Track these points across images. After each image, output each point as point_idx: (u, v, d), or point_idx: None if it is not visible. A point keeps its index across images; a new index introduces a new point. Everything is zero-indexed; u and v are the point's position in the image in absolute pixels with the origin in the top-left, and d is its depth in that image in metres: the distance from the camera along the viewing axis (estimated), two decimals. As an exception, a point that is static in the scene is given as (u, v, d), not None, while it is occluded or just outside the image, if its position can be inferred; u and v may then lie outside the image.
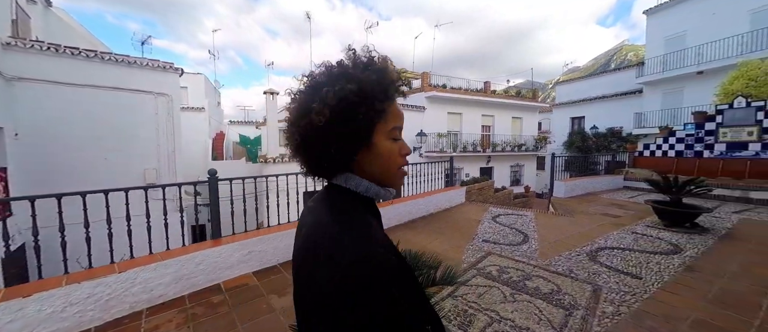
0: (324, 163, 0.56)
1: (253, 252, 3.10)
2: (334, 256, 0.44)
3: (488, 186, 7.48)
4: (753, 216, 5.02)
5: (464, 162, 12.71)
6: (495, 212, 5.45)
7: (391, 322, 0.41)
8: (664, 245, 3.66)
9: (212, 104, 15.44)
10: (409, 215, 5.00)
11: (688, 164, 7.38)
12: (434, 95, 11.59)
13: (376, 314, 0.41)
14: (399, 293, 0.44)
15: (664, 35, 13.25)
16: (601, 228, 4.42)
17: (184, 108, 13.93)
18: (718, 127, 6.94)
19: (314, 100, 0.52)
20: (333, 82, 0.53)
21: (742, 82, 6.69)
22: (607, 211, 5.47)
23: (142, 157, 6.59)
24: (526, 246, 3.73)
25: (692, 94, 11.84)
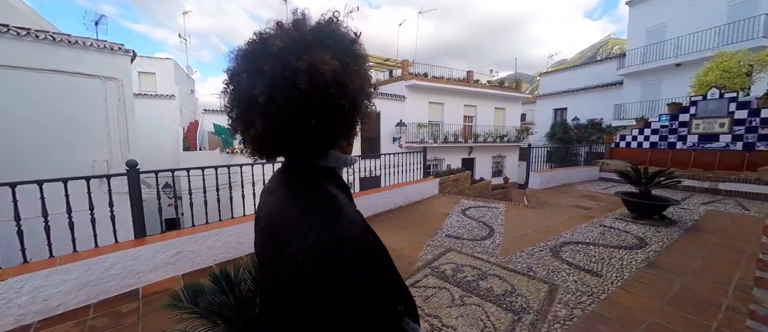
0: (303, 144, 0.50)
1: (183, 252, 2.77)
2: (301, 242, 0.41)
3: (464, 178, 7.29)
4: (720, 207, 5.01)
5: (446, 153, 12.53)
6: (466, 205, 5.26)
7: (362, 306, 0.41)
8: (630, 239, 3.53)
9: (184, 92, 14.63)
10: (376, 208, 4.74)
11: (662, 155, 7.39)
12: (415, 84, 11.25)
13: (347, 300, 0.40)
14: (369, 277, 0.42)
15: (645, 26, 13.24)
16: (569, 221, 4.28)
17: (151, 95, 13.18)
18: (691, 119, 6.92)
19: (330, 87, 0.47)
20: (342, 63, 0.48)
21: (717, 73, 6.65)
22: (579, 203, 5.36)
23: (90, 147, 6.04)
24: (490, 241, 3.54)
25: (670, 86, 11.93)
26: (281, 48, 0.46)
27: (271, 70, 0.45)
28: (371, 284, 0.43)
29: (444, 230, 3.95)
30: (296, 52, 0.46)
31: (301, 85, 0.44)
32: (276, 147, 0.51)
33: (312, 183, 0.52)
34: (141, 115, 12.87)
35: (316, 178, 0.52)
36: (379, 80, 13.81)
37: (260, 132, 0.48)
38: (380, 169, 5.69)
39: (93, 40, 5.99)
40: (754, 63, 6.49)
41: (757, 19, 9.69)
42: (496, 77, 14.47)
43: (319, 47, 0.48)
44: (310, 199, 0.48)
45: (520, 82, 15.52)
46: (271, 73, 0.45)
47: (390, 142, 11.01)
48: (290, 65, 0.45)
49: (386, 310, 0.48)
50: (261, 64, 0.46)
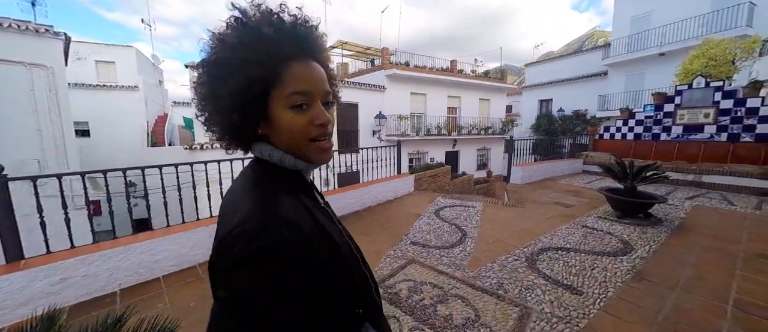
0: (223, 135, 0.51)
1: (72, 278, 2.21)
2: (229, 230, 0.42)
3: (443, 173, 6.88)
4: (705, 202, 4.76)
5: (429, 146, 12.11)
6: (441, 204, 4.83)
7: (268, 301, 0.39)
8: (614, 242, 3.17)
9: (150, 83, 13.62)
10: (338, 211, 4.24)
11: (646, 147, 7.15)
12: (395, 73, 10.67)
13: (260, 293, 0.39)
14: (289, 274, 0.41)
15: (630, 15, 13.01)
16: (550, 221, 3.90)
17: (111, 86, 12.14)
18: (676, 109, 6.67)
19: (198, 70, 0.50)
20: (210, 51, 0.48)
21: (702, 61, 6.39)
22: (561, 200, 5.01)
23: (15, 145, 5.27)
24: (460, 249, 3.11)
25: (654, 76, 11.79)
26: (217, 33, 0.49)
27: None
28: (282, 283, 0.40)
29: (411, 236, 3.50)
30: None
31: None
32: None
33: (261, 174, 0.51)
34: (99, 108, 11.95)
35: (268, 173, 0.52)
36: (360, 70, 13.18)
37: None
38: (359, 165, 5.29)
39: (13, 20, 5.17)
40: (739, 51, 6.24)
41: (741, 6, 9.52)
42: (482, 67, 14.04)
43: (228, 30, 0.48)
44: (250, 191, 0.48)
45: (506, 72, 15.14)
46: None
47: (370, 135, 10.48)
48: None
49: (304, 314, 0.42)
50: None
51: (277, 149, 0.51)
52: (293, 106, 0.48)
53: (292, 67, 0.48)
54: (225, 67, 0.46)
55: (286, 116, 0.48)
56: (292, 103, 0.48)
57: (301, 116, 0.48)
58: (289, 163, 0.51)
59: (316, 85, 0.50)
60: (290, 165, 0.52)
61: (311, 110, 0.49)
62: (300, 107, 0.48)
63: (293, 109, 0.48)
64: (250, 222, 0.41)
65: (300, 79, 0.48)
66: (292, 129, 0.48)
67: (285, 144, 0.50)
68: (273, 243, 0.40)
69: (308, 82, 0.49)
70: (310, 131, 0.49)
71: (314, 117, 0.49)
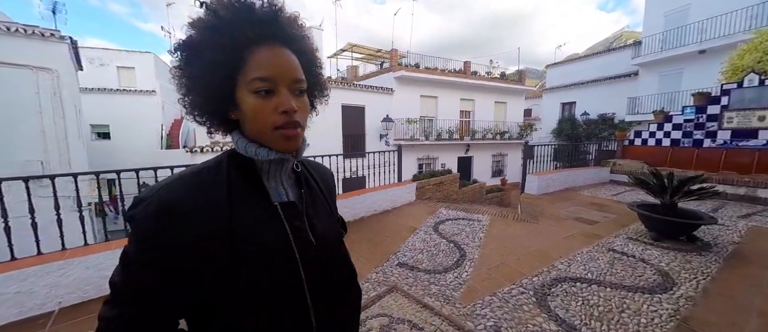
0: (203, 116, 0.52)
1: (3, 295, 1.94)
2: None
3: (450, 181, 6.34)
4: (763, 221, 3.96)
5: (439, 151, 11.54)
6: (443, 216, 4.33)
7: (129, 268, 0.45)
8: (649, 274, 2.56)
9: (168, 87, 13.99)
10: (326, 222, 3.85)
11: (685, 155, 6.28)
12: (404, 75, 10.25)
13: (125, 252, 0.46)
14: (142, 249, 0.45)
15: (663, 10, 11.92)
16: (567, 242, 3.31)
17: (130, 91, 12.55)
18: (722, 111, 5.79)
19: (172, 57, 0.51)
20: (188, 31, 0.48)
21: (755, 56, 5.51)
22: (583, 214, 4.36)
23: (20, 146, 5.32)
24: (454, 274, 2.61)
25: (692, 76, 10.66)
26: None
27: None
28: (135, 253, 0.45)
29: (400, 255, 3.04)
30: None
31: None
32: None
33: (216, 160, 0.52)
34: (119, 111, 12.37)
35: (222, 159, 0.52)
36: (370, 73, 12.88)
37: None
38: (365, 169, 5.03)
39: (19, 24, 5.24)
40: (803, 42, 5.32)
41: (798, -4, 8.36)
42: (497, 69, 13.31)
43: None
44: (183, 172, 0.50)
45: (524, 73, 14.31)
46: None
47: (377, 139, 10.09)
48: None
49: (150, 289, 0.45)
50: None
51: (243, 137, 0.51)
52: (256, 91, 0.47)
53: (257, 51, 0.47)
54: (193, 50, 0.47)
55: (250, 101, 0.48)
56: (255, 88, 0.47)
57: (265, 102, 0.48)
58: (251, 151, 0.51)
59: (282, 71, 0.49)
60: (251, 154, 0.51)
61: (276, 97, 0.48)
62: (263, 93, 0.47)
63: (256, 94, 0.47)
64: (144, 192, 0.46)
65: (263, 65, 0.47)
66: (256, 115, 0.48)
67: (251, 131, 0.50)
68: (137, 217, 0.45)
69: (271, 68, 0.48)
70: (275, 119, 0.48)
71: (278, 104, 0.48)
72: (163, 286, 0.45)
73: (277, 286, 0.50)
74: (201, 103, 0.50)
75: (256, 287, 0.48)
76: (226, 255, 0.46)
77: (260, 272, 0.48)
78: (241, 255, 0.47)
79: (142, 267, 0.45)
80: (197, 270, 0.45)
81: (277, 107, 0.47)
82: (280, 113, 0.47)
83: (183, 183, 0.47)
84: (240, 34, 0.46)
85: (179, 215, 0.44)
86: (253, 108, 0.47)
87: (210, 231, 0.45)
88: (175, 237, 0.44)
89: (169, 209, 0.44)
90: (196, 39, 0.47)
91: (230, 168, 0.50)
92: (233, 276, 0.46)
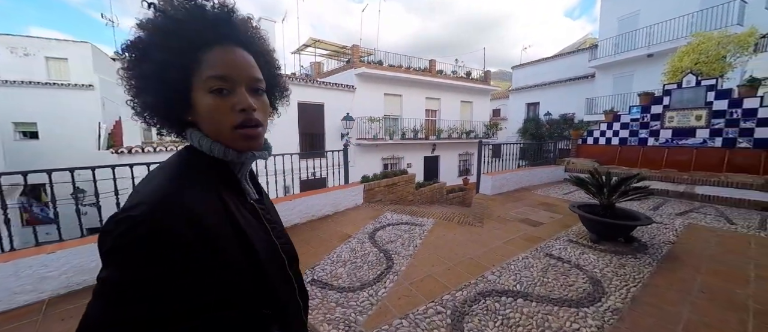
0: (154, 116, 0.50)
1: None
2: (120, 211, 0.41)
3: (405, 181, 6.05)
4: (699, 218, 3.99)
5: (405, 150, 11.30)
6: (386, 221, 4.00)
7: (151, 291, 0.38)
8: (580, 282, 2.36)
9: (110, 82, 12.65)
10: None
11: (632, 153, 6.42)
12: (366, 72, 9.88)
13: (126, 278, 0.38)
14: (162, 266, 0.39)
15: (617, 15, 12.48)
16: (506, 247, 3.09)
17: (62, 85, 11.18)
18: (664, 111, 5.96)
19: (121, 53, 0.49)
20: (139, 30, 0.47)
21: (693, 57, 5.70)
22: (530, 216, 4.21)
23: None
24: (370, 291, 2.27)
25: (642, 78, 11.20)
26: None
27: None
28: (152, 274, 0.39)
29: (319, 268, 2.65)
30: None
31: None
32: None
33: (182, 160, 0.50)
34: (50, 108, 10.97)
35: (190, 159, 0.50)
36: (333, 69, 12.39)
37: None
38: (327, 170, 4.82)
39: None
40: (733, 45, 5.56)
41: (731, 4, 8.97)
42: (463, 68, 13.31)
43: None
44: (157, 172, 0.48)
45: (489, 73, 14.47)
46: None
47: (338, 138, 9.64)
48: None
49: (173, 307, 0.40)
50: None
51: (206, 137, 0.49)
52: (212, 90, 0.47)
53: (211, 52, 0.47)
54: (143, 51, 0.46)
55: (206, 100, 0.47)
56: (210, 87, 0.47)
57: (222, 101, 0.47)
58: (218, 151, 0.50)
59: (238, 70, 0.49)
60: (219, 154, 0.50)
61: (234, 96, 0.48)
62: (219, 92, 0.47)
63: (212, 93, 0.47)
64: (140, 207, 0.40)
65: (218, 64, 0.47)
66: (212, 114, 0.48)
67: (211, 131, 0.49)
68: (154, 230, 0.39)
69: (227, 67, 0.48)
70: (233, 118, 0.48)
71: (235, 102, 0.48)
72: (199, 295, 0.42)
73: (284, 279, 0.55)
74: (153, 105, 0.48)
75: (267, 279, 0.50)
76: (242, 256, 0.47)
77: (269, 267, 0.51)
78: (252, 255, 0.48)
79: (167, 285, 0.40)
80: (228, 271, 0.45)
81: (234, 106, 0.47)
82: (238, 112, 0.47)
83: (181, 187, 0.45)
84: (194, 35, 0.46)
85: (198, 221, 0.42)
86: (210, 107, 0.47)
87: (224, 233, 0.45)
88: (202, 244, 0.42)
89: (192, 217, 0.42)
90: (146, 40, 0.46)
91: (203, 168, 0.49)
92: (254, 273, 0.48)
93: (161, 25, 0.45)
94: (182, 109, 0.48)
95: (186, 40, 0.45)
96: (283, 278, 0.55)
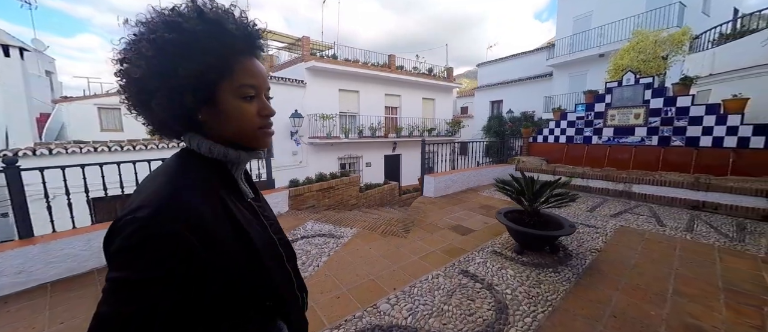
0: (156, 120, 0.53)
1: None
2: (125, 214, 0.43)
3: (348, 184, 5.58)
4: (632, 220, 3.88)
5: (363, 149, 10.83)
6: (302, 232, 3.51)
7: (158, 289, 0.40)
8: (485, 308, 2.01)
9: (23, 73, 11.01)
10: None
11: (578, 151, 6.39)
12: (316, 66, 9.25)
13: (141, 278, 0.40)
14: (172, 263, 0.41)
15: (572, 15, 12.75)
16: (421, 262, 2.71)
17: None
18: (607, 109, 5.94)
19: (130, 51, 0.48)
20: (153, 30, 0.48)
21: (632, 55, 5.70)
22: (464, 221, 3.90)
23: None
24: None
25: (595, 77, 11.49)
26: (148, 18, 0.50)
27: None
28: (163, 271, 0.41)
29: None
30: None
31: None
32: (144, 118, 0.54)
33: (182, 164, 0.52)
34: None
35: (191, 164, 0.52)
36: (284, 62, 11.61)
37: (128, 104, 0.53)
38: (263, 170, 4.43)
39: None
40: (668, 44, 5.61)
41: (671, 7, 9.34)
42: (424, 64, 13.03)
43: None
44: (156, 175, 0.50)
45: (452, 70, 14.33)
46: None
47: (287, 137, 8.97)
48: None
49: (183, 301, 0.43)
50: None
51: (206, 140, 0.53)
52: (244, 96, 0.52)
53: (243, 61, 0.53)
54: (183, 49, 0.47)
55: (236, 104, 0.52)
56: (243, 93, 0.52)
57: (249, 106, 0.53)
58: (219, 153, 0.54)
59: (262, 80, 0.55)
60: (219, 155, 0.54)
61: (258, 101, 0.54)
62: (249, 98, 0.53)
63: (243, 99, 0.52)
64: (145, 209, 0.42)
65: (250, 73, 0.53)
66: (241, 117, 0.53)
67: (230, 132, 0.53)
68: (160, 232, 0.41)
69: (256, 76, 0.54)
70: (258, 121, 0.54)
71: (261, 108, 0.54)
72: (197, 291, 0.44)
73: (283, 274, 0.59)
74: (172, 101, 0.49)
75: (267, 273, 0.54)
76: (244, 251, 0.50)
77: (269, 261, 0.55)
78: (253, 251, 0.52)
79: (177, 280, 0.42)
80: (231, 266, 0.48)
81: (260, 111, 0.54)
82: (263, 116, 0.54)
83: (184, 187, 0.47)
84: (235, 45, 0.51)
85: (201, 219, 0.45)
86: (240, 110, 0.52)
87: (226, 230, 0.48)
88: (207, 241, 0.44)
89: (196, 215, 0.44)
90: (187, 39, 0.47)
91: (202, 169, 0.52)
92: (255, 267, 0.52)
93: (208, 30, 0.48)
94: (200, 107, 0.50)
95: (228, 48, 0.50)
96: (282, 272, 0.59)
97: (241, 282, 0.49)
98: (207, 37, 0.47)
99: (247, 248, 0.50)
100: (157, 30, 0.47)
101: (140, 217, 0.40)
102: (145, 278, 0.40)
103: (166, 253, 0.40)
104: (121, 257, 0.40)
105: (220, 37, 0.49)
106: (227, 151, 0.53)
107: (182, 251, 0.41)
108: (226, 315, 0.47)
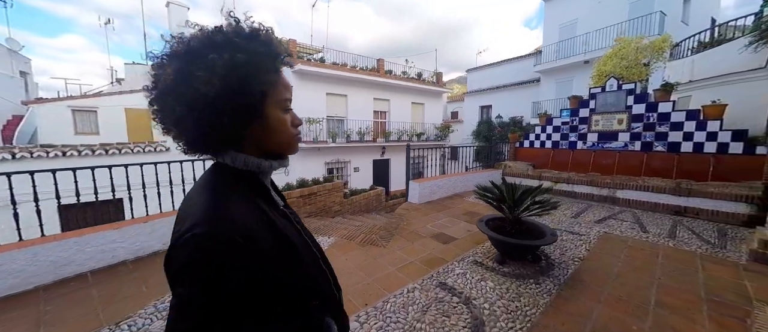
0: (214, 137, 0.52)
1: None
2: (181, 234, 0.45)
3: (330, 190, 5.43)
4: (616, 227, 3.84)
5: (352, 153, 10.69)
6: (277, 241, 3.32)
7: (223, 299, 0.43)
8: (460, 327, 1.88)
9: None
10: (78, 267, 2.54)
11: (563, 156, 6.39)
12: (304, 70, 9.12)
13: (199, 290, 0.43)
14: (230, 274, 0.44)
15: (558, 23, 12.97)
16: (398, 274, 2.58)
17: None
18: (591, 114, 5.97)
19: (198, 68, 0.48)
20: (219, 50, 0.49)
21: (615, 61, 5.76)
22: (447, 229, 3.80)
23: None
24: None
25: (580, 83, 11.65)
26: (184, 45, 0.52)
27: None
28: (235, 283, 0.44)
29: (130, 322, 1.92)
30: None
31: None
32: (184, 136, 0.54)
33: (221, 179, 0.54)
34: None
35: (228, 177, 0.54)
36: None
37: (172, 121, 0.54)
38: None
39: None
40: (649, 50, 5.68)
41: (653, 16, 9.58)
42: (413, 69, 13.02)
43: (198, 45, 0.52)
44: (200, 192, 0.52)
45: (441, 75, 14.37)
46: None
47: (272, 141, 8.76)
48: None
49: (244, 307, 0.47)
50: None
51: (241, 154, 0.55)
52: (284, 108, 0.57)
53: (281, 77, 0.57)
54: (252, 69, 0.51)
55: (279, 115, 0.56)
56: (284, 106, 0.57)
57: (287, 117, 0.58)
58: (253, 164, 0.56)
59: (291, 94, 0.60)
60: (253, 166, 0.56)
61: (290, 112, 0.60)
62: (286, 110, 0.58)
63: (285, 111, 0.57)
64: (199, 226, 0.44)
65: (287, 87, 0.58)
66: (284, 128, 0.57)
67: (272, 142, 0.57)
68: (218, 246, 0.44)
69: (290, 89, 0.59)
70: (292, 130, 0.59)
71: (293, 118, 0.60)
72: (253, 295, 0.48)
73: (320, 273, 0.63)
74: (235, 118, 0.51)
75: (310, 274, 0.58)
76: (287, 255, 0.53)
77: (309, 263, 0.59)
78: (296, 256, 0.55)
79: (236, 289, 0.45)
80: (278, 270, 0.51)
81: (293, 120, 0.59)
82: (294, 126, 0.60)
83: (228, 202, 0.49)
84: (279, 62, 0.56)
85: (249, 230, 0.48)
86: (283, 122, 0.57)
87: (269, 236, 0.51)
88: (256, 250, 0.47)
89: (244, 226, 0.47)
90: (247, 59, 0.50)
91: (237, 183, 0.54)
92: (299, 269, 0.55)
93: (263, 51, 0.53)
94: (252, 121, 0.53)
95: (279, 65, 0.56)
96: (319, 272, 0.63)
97: (288, 286, 0.52)
98: (267, 57, 0.53)
99: (291, 253, 0.54)
100: (226, 50, 0.49)
101: (198, 234, 0.43)
102: (210, 289, 0.43)
103: (227, 266, 0.43)
104: (187, 272, 0.43)
105: (274, 56, 0.54)
106: (261, 162, 0.56)
107: (240, 261, 0.44)
108: (279, 319, 0.51)
